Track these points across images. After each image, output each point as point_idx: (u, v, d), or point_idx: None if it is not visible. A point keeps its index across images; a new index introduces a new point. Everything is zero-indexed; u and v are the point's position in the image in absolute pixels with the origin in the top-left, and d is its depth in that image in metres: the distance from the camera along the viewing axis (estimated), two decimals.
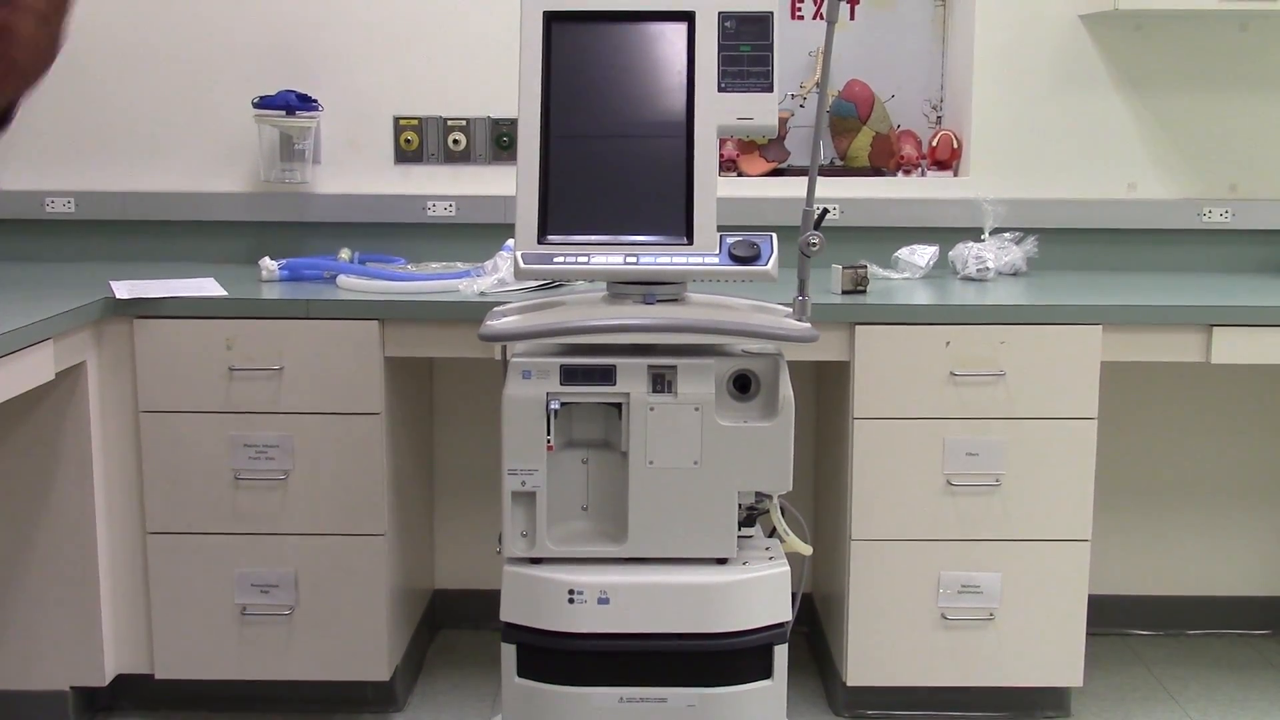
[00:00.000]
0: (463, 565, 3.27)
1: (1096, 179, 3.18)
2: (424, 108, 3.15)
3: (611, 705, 2.10)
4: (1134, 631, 3.28)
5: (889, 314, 2.58)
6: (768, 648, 2.12)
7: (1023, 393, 2.58)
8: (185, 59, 3.14)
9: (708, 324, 2.09)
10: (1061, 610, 2.66)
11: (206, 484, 2.61)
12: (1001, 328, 2.57)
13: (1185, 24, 3.13)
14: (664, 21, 2.16)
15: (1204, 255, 3.20)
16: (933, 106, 3.34)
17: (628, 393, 2.09)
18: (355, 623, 2.67)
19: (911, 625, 2.66)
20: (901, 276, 2.94)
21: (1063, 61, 3.15)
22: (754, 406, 2.15)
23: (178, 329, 2.58)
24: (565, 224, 2.14)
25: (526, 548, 2.13)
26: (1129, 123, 3.17)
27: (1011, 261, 2.99)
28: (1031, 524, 2.63)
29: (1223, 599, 3.29)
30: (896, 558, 2.64)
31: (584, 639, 2.08)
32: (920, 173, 3.25)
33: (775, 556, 2.17)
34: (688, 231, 2.12)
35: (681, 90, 2.14)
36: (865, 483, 2.61)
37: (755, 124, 2.15)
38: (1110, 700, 2.91)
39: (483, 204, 3.13)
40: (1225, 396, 3.21)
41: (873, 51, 3.30)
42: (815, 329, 2.14)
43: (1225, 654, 3.18)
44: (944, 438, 2.59)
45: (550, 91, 2.15)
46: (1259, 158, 3.20)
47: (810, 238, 2.15)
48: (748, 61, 2.13)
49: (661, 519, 2.11)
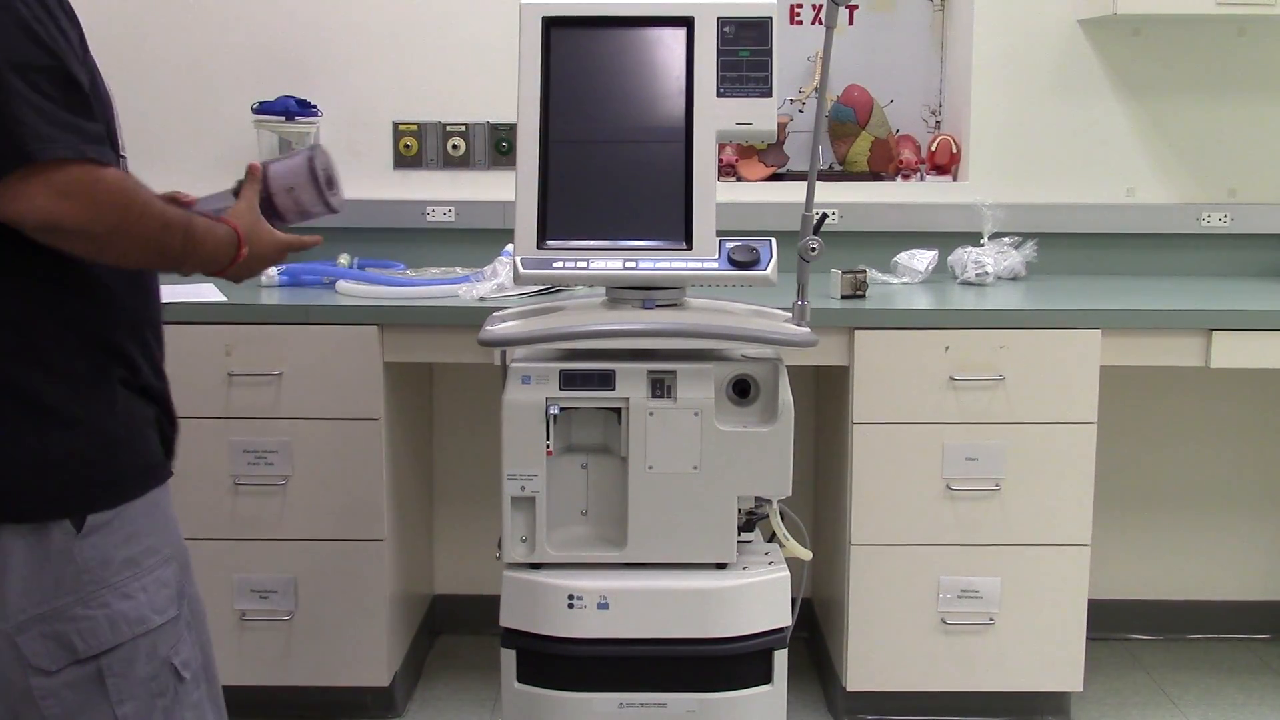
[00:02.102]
0: (462, 570, 3.27)
1: (1095, 184, 3.19)
2: (423, 113, 3.15)
3: (611, 711, 2.10)
4: (1134, 636, 3.28)
5: (888, 319, 2.58)
6: (767, 653, 2.12)
7: (1022, 397, 2.58)
8: (185, 64, 3.14)
9: (707, 329, 2.09)
10: (1061, 615, 2.66)
11: (206, 489, 2.60)
12: (1001, 332, 2.57)
13: (1183, 29, 3.13)
14: (663, 27, 2.16)
15: (1203, 260, 3.20)
16: (931, 111, 3.34)
17: (627, 398, 2.09)
18: (355, 628, 2.67)
19: (911, 630, 2.65)
20: (901, 281, 2.94)
21: (1061, 66, 3.15)
22: (753, 411, 2.14)
23: (177, 334, 2.53)
24: (564, 229, 2.14)
25: (526, 553, 2.13)
26: (1127, 127, 3.18)
27: (1011, 266, 2.99)
28: (1031, 528, 2.63)
29: (1223, 603, 3.28)
30: (896, 562, 2.63)
31: (584, 644, 2.08)
32: (919, 177, 3.25)
33: (775, 561, 2.17)
34: (687, 236, 2.12)
35: (680, 95, 2.14)
36: (865, 488, 2.61)
37: (754, 129, 2.15)
38: (1110, 705, 2.91)
39: (482, 209, 3.13)
40: (1224, 401, 3.21)
41: (871, 56, 3.31)
42: (814, 334, 2.14)
43: (1226, 659, 3.18)
44: (943, 442, 2.59)
45: (549, 97, 2.15)
46: (1257, 162, 3.20)
47: (809, 242, 2.15)
48: (746, 67, 2.13)
49: (661, 524, 2.11)
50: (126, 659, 1.46)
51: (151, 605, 1.48)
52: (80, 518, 1.43)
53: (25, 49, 1.31)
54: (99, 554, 1.44)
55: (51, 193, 1.32)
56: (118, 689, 1.46)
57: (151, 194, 1.45)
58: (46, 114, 1.31)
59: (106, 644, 1.45)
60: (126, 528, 1.47)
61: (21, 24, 1.31)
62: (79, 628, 1.43)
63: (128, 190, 1.39)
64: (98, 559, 1.44)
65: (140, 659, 1.47)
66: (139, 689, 1.47)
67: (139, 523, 1.49)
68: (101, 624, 1.44)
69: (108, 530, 1.45)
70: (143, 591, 1.48)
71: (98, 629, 1.44)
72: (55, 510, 1.42)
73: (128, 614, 1.46)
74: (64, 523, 1.42)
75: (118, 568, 1.46)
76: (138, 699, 1.47)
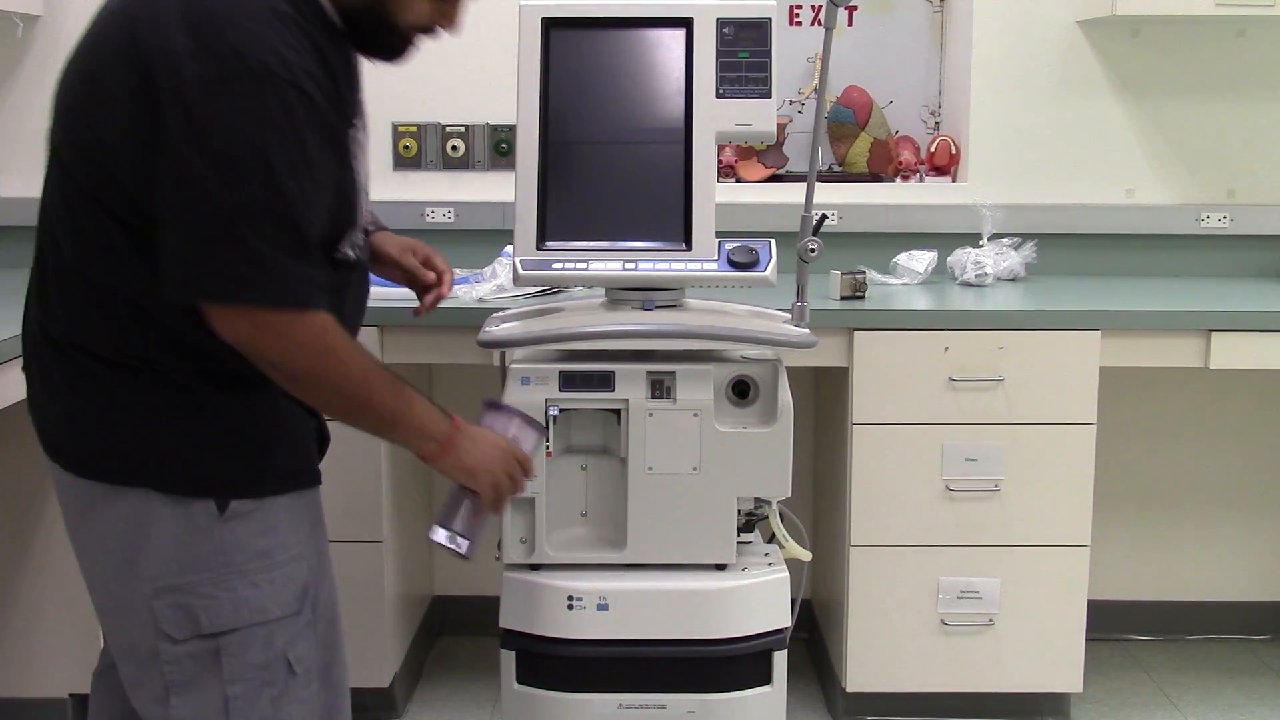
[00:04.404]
0: (462, 571, 3.25)
1: (1095, 184, 3.19)
2: (422, 114, 3.15)
3: (611, 712, 2.10)
4: (1133, 637, 3.28)
5: (888, 319, 2.58)
6: (767, 654, 2.12)
7: (1021, 398, 2.58)
8: None
9: (706, 330, 2.09)
10: (1061, 615, 2.66)
11: None
12: (1000, 333, 2.57)
13: (1183, 29, 3.13)
14: (662, 28, 2.16)
15: (1202, 260, 3.20)
16: (931, 112, 3.34)
17: (626, 399, 2.09)
18: (354, 629, 2.64)
19: (911, 631, 2.65)
20: (900, 282, 2.94)
21: (1061, 67, 3.15)
22: (753, 412, 2.15)
23: None
24: (564, 230, 2.14)
25: (526, 554, 2.13)
26: (1127, 128, 3.18)
27: (1010, 267, 2.99)
28: (1031, 529, 2.63)
29: (1222, 604, 3.28)
30: (896, 563, 2.64)
31: (583, 645, 2.08)
32: (918, 178, 3.25)
33: (774, 562, 2.17)
34: (686, 237, 2.13)
35: (680, 96, 2.14)
36: (864, 488, 2.61)
37: (753, 130, 2.15)
38: (1110, 705, 2.91)
39: (481, 210, 3.13)
40: (1224, 401, 3.21)
41: (871, 57, 3.31)
42: (814, 334, 2.14)
43: (1225, 659, 3.18)
44: (943, 443, 2.59)
45: (549, 98, 2.15)
46: (1257, 163, 3.20)
47: (809, 243, 2.15)
48: (746, 68, 2.13)
49: (660, 525, 2.11)
50: (242, 643, 1.53)
51: (274, 598, 1.55)
52: (224, 501, 1.51)
53: (262, 196, 1.39)
54: (236, 539, 1.52)
55: (252, 325, 1.44)
56: (231, 669, 1.53)
57: (362, 351, 1.55)
58: (266, 259, 1.40)
59: (227, 625, 1.52)
60: (266, 520, 1.55)
61: (269, 172, 1.39)
62: (206, 605, 1.51)
63: (327, 339, 1.49)
64: (234, 544, 1.52)
65: (255, 646, 1.54)
66: (251, 674, 1.54)
67: (278, 518, 1.56)
68: (225, 606, 1.52)
69: (249, 519, 1.53)
70: (269, 584, 1.55)
71: (221, 609, 1.52)
72: (199, 489, 1.51)
73: (250, 601, 1.53)
74: (209, 503, 1.51)
75: (250, 556, 1.53)
76: (248, 682, 1.54)
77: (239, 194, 1.38)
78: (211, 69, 1.37)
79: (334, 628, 1.69)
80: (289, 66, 1.40)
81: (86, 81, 1.47)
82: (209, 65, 1.37)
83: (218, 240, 1.39)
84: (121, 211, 1.45)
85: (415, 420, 1.60)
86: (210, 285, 1.42)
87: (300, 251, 1.44)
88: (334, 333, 1.49)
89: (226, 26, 1.39)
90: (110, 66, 1.43)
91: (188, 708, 1.52)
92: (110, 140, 1.43)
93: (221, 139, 1.37)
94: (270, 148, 1.39)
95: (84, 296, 1.50)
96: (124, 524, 1.51)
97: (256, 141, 1.38)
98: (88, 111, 1.46)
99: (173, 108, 1.38)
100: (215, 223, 1.39)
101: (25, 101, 3.12)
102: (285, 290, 1.43)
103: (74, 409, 1.53)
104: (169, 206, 1.40)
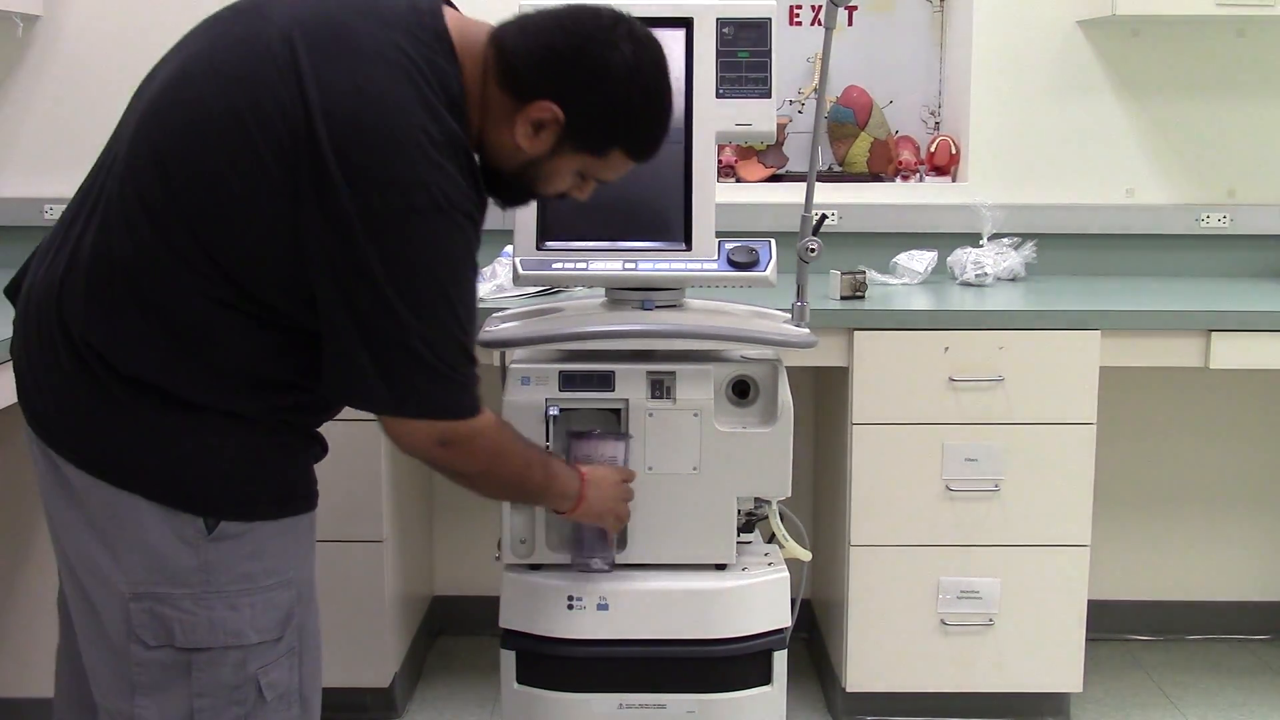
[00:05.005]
0: (462, 571, 3.27)
1: (1095, 184, 3.19)
2: None
3: (611, 711, 2.10)
4: (1133, 636, 3.28)
5: (888, 319, 2.58)
6: (767, 654, 2.12)
7: (1021, 398, 2.58)
8: None
9: (706, 330, 2.09)
10: (1061, 615, 2.66)
11: None
12: (1000, 333, 2.57)
13: (1183, 29, 3.13)
14: (662, 28, 2.14)
15: (1202, 260, 3.20)
16: (931, 112, 3.34)
17: (626, 399, 2.09)
18: (355, 629, 2.67)
19: (911, 631, 2.65)
20: (900, 282, 2.94)
21: (1061, 67, 3.15)
22: (753, 412, 2.15)
23: None
24: (564, 230, 2.14)
25: (525, 554, 2.13)
26: (1127, 128, 3.18)
27: (1010, 267, 2.99)
28: (1030, 529, 2.63)
29: (1222, 604, 3.28)
30: (896, 563, 2.64)
31: (583, 645, 2.08)
32: (918, 178, 3.25)
33: (774, 562, 2.17)
34: (686, 237, 2.13)
35: (679, 96, 2.14)
36: (864, 488, 2.61)
37: (753, 130, 2.15)
38: (1110, 705, 2.91)
39: None
40: (1224, 401, 3.21)
41: (871, 57, 3.31)
42: (814, 334, 2.14)
43: (1225, 659, 3.18)
44: (943, 443, 2.59)
45: None
46: (1257, 163, 3.20)
47: (809, 243, 2.15)
48: (746, 68, 2.13)
49: (660, 525, 2.11)
50: (214, 662, 1.53)
51: (253, 623, 1.54)
52: (214, 521, 1.51)
53: (447, 323, 1.51)
54: (221, 559, 1.52)
55: (433, 440, 1.57)
56: (200, 683, 1.53)
57: (517, 437, 1.74)
58: (443, 378, 1.53)
59: (201, 644, 1.52)
60: (254, 544, 1.55)
61: (449, 303, 1.50)
62: (182, 619, 1.51)
63: (499, 441, 1.67)
64: (219, 564, 1.52)
65: (227, 667, 1.54)
66: (220, 692, 1.54)
67: (268, 543, 1.56)
68: (202, 624, 1.52)
69: (238, 540, 1.53)
70: (250, 608, 1.54)
71: (197, 627, 1.52)
72: (184, 504, 1.51)
73: (226, 623, 1.53)
74: (196, 521, 1.51)
75: (234, 578, 1.53)
76: (216, 698, 1.54)
77: (427, 323, 1.48)
78: (397, 201, 1.44)
79: (316, 655, 1.67)
80: (465, 198, 1.49)
81: (208, 150, 1.46)
82: (395, 198, 1.44)
83: (408, 363, 1.49)
84: (210, 271, 1.46)
85: (558, 489, 1.83)
86: (401, 403, 1.52)
87: (470, 364, 1.56)
88: (499, 434, 1.66)
89: (396, 156, 1.44)
90: (253, 150, 1.44)
91: (153, 710, 1.52)
92: (235, 232, 1.46)
93: (408, 270, 1.46)
94: (450, 280, 1.50)
95: (125, 312, 1.47)
96: (111, 517, 1.50)
97: (440, 274, 1.49)
98: (205, 184, 1.46)
99: (350, 232, 1.43)
100: (405, 348, 1.48)
101: (25, 101, 3.12)
102: (463, 404, 1.57)
103: (76, 400, 1.51)
104: (348, 326, 1.47)
